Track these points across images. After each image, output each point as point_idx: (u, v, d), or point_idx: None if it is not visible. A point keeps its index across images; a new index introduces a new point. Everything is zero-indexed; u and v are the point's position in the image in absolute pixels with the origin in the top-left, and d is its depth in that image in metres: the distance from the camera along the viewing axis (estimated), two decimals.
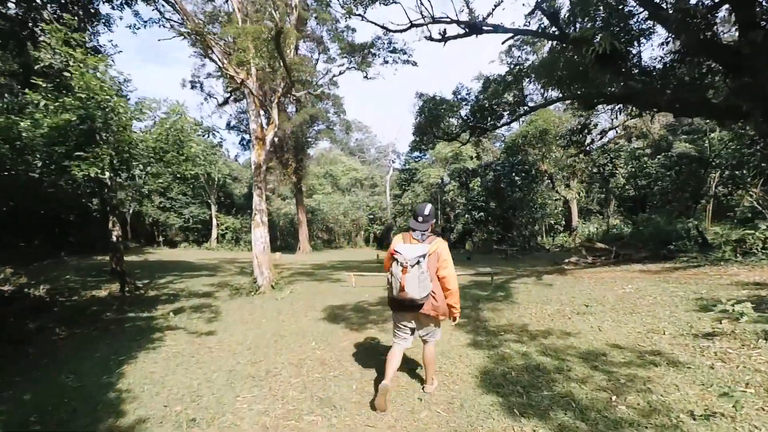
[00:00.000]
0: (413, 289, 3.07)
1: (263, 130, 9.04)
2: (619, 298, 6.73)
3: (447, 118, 16.20)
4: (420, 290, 3.08)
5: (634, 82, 11.55)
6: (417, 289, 3.07)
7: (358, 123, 56.26)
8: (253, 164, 9.05)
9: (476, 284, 9.13)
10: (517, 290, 8.08)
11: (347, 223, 40.46)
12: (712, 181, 19.89)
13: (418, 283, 3.07)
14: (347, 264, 18.60)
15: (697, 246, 11.06)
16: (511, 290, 8.14)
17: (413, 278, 3.06)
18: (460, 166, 29.01)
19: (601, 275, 9.31)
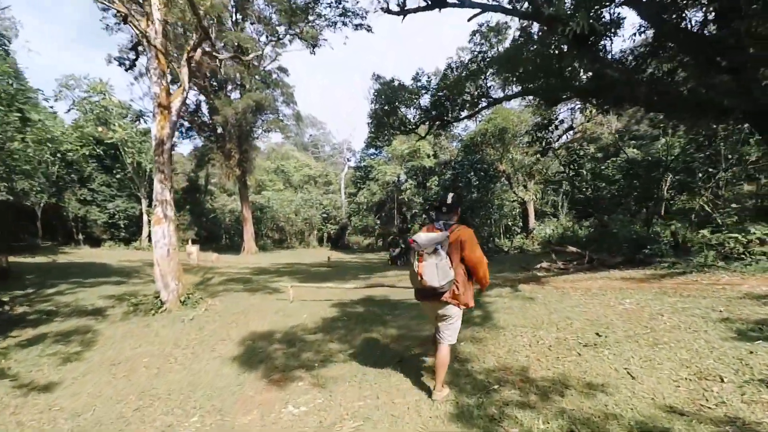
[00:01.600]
0: (432, 278, 2.98)
1: (169, 95, 6.71)
2: (626, 320, 5.17)
3: (405, 107, 14.46)
4: (440, 278, 2.98)
5: (611, 70, 10.37)
6: (436, 277, 2.98)
7: (313, 118, 53.70)
8: (154, 139, 6.68)
9: None
10: (495, 307, 6.37)
11: (299, 221, 37.82)
12: (664, 185, 19.60)
13: (436, 270, 2.97)
14: (294, 268, 16.34)
15: (671, 250, 10.01)
16: (488, 308, 6.42)
17: (431, 266, 2.97)
18: (417, 164, 27.51)
19: (584, 285, 7.87)
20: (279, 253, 32.35)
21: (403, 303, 7.08)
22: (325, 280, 11.28)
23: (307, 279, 11.59)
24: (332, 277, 12.03)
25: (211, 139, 27.77)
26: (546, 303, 6.38)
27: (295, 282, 10.83)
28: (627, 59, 12.46)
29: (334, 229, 38.62)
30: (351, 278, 11.44)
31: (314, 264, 18.70)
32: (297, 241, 39.15)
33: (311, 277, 12.25)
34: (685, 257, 9.34)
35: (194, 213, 36.14)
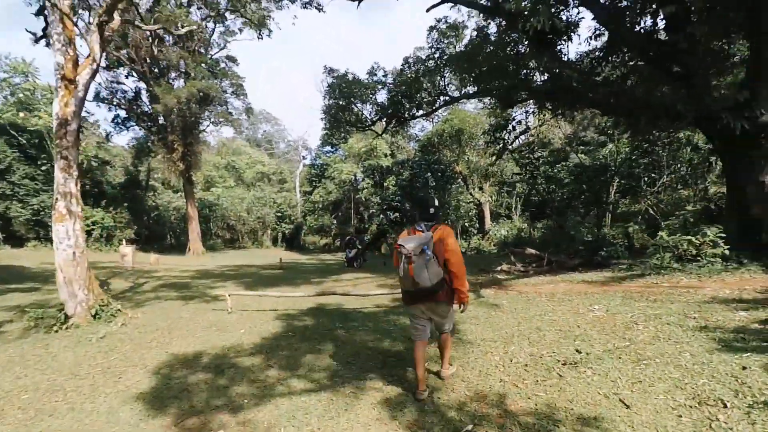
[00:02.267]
0: (423, 278, 2.96)
1: (76, 67, 5.46)
2: (600, 330, 4.72)
3: (361, 102, 13.69)
4: (431, 277, 2.98)
5: (570, 71, 10.19)
6: (427, 276, 2.96)
7: (267, 114, 51.57)
8: (55, 118, 5.38)
9: (403, 305, 6.64)
10: (460, 317, 5.74)
11: (251, 220, 35.89)
12: (612, 189, 20.24)
13: (426, 270, 2.95)
14: (242, 271, 15.04)
15: (626, 252, 9.98)
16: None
17: (420, 267, 2.95)
18: (374, 162, 26.80)
19: (548, 289, 7.48)
20: (229, 254, 30.39)
21: (358, 312, 6.28)
22: (274, 284, 10.25)
23: (254, 284, 10.48)
24: (282, 281, 10.98)
25: (152, 131, 25.45)
26: (513, 311, 5.84)
27: (239, 288, 9.75)
28: (583, 62, 12.50)
29: (289, 228, 37.06)
30: (303, 282, 10.47)
31: (265, 266, 17.42)
32: (250, 240, 37.20)
33: (259, 281, 11.14)
34: (640, 259, 9.31)
35: (134, 210, 33.20)
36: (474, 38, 13.37)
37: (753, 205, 8.77)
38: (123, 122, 25.69)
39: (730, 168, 9.32)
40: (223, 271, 15.34)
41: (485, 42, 13.00)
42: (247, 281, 11.12)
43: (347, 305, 6.80)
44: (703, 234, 8.07)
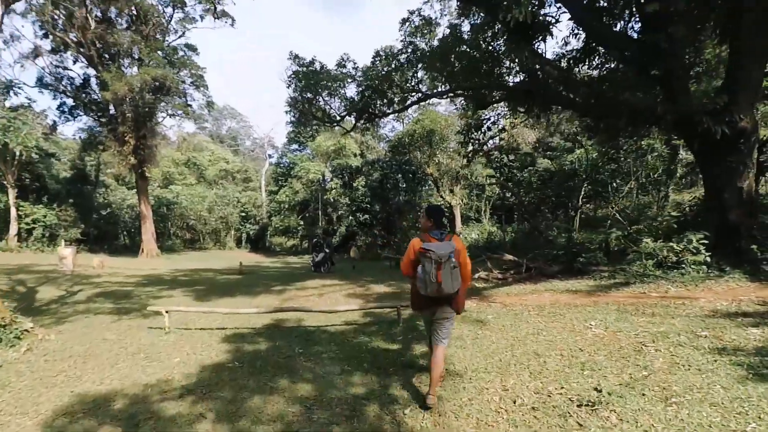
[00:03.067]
0: (448, 284, 3.06)
1: None
2: (607, 354, 4.03)
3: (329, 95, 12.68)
4: (454, 284, 3.10)
5: (551, 67, 9.67)
6: (451, 283, 3.08)
7: (232, 110, 49.26)
8: None
9: (375, 322, 5.72)
10: None
11: (213, 220, 33.87)
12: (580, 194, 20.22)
13: (451, 277, 3.07)
14: (196, 276, 13.63)
15: (605, 258, 9.54)
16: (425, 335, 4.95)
17: (447, 274, 3.05)
18: (343, 162, 25.74)
19: (534, 300, 6.82)
20: (187, 256, 28.40)
21: (323, 332, 5.30)
22: (230, 293, 9.06)
23: (207, 293, 9.25)
24: (240, 288, 9.78)
25: (102, 121, 23.24)
26: (502, 329, 5.07)
27: (188, 297, 8.53)
28: (560, 62, 12.11)
29: (254, 229, 35.28)
30: (263, 290, 9.34)
31: (224, 270, 16.01)
32: (212, 241, 35.15)
33: (213, 289, 9.90)
34: (619, 266, 8.87)
35: (81, 208, 30.47)
36: (447, 36, 12.64)
37: (731, 211, 8.53)
38: (70, 111, 23.27)
39: (709, 173, 9.05)
40: (176, 276, 13.87)
41: (458, 41, 12.32)
42: (199, 289, 9.85)
43: (309, 322, 5.81)
44: (689, 240, 7.68)
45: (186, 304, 7.79)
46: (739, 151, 8.43)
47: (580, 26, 10.79)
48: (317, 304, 7.26)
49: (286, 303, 7.43)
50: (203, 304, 7.60)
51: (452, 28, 12.91)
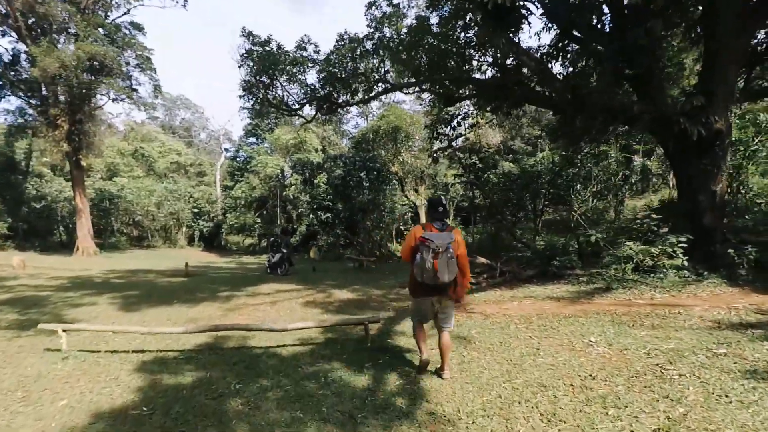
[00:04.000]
0: (444, 274, 3.16)
1: None
2: (627, 384, 3.26)
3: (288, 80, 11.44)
4: (449, 274, 3.19)
5: (527, 58, 9.04)
6: (447, 273, 3.17)
7: (186, 100, 46.07)
8: None
9: (338, 341, 4.65)
10: (412, 357, 3.97)
11: (162, 216, 31.20)
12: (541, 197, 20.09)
13: (447, 267, 3.16)
14: (134, 279, 11.93)
15: (579, 262, 9.06)
16: (409, 359, 3.98)
17: (444, 264, 3.14)
18: (303, 157, 24.28)
19: (517, 309, 6.05)
20: (130, 255, 25.80)
21: (271, 356, 4.15)
22: (167, 300, 7.63)
23: (139, 300, 7.75)
24: (180, 294, 8.34)
25: (32, 103, 20.41)
26: (491, 349, 4.19)
27: (114, 307, 7.08)
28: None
29: (208, 226, 32.88)
30: (207, 297, 7.99)
31: (168, 271, 14.27)
32: (161, 239, 32.39)
33: (149, 295, 8.39)
34: (594, 269, 8.39)
35: (9, 199, 27.01)
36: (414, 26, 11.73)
37: (705, 214, 8.27)
38: None
39: (683, 176, 8.77)
40: (109, 278, 12.06)
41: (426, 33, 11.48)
42: (131, 296, 8.32)
43: (257, 341, 4.65)
44: (671, 244, 7.26)
45: (105, 316, 6.36)
46: (714, 154, 8.18)
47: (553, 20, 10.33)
48: (268, 314, 6.09)
49: (230, 314, 6.20)
50: (128, 316, 6.20)
51: (420, 20, 12.04)
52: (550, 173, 17.34)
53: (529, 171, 16.45)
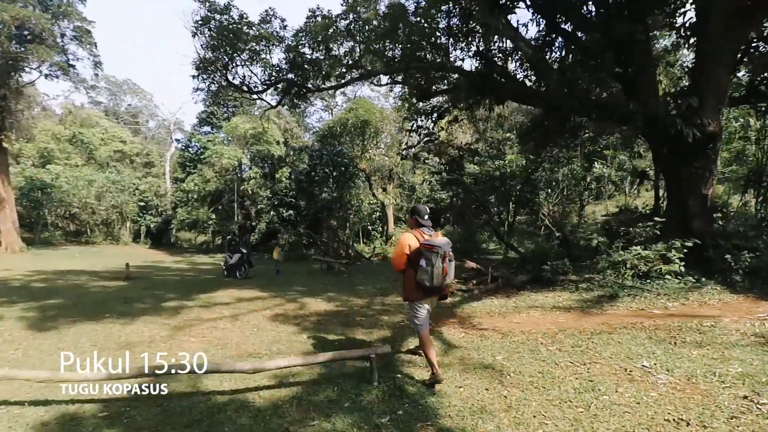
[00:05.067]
0: (451, 276, 3.37)
1: None
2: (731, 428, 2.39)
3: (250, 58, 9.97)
4: (452, 276, 3.43)
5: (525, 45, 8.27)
6: (451, 275, 3.37)
7: (133, 85, 42.00)
8: None
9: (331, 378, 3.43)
10: (441, 403, 2.91)
11: (103, 209, 27.88)
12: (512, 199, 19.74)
13: (451, 270, 3.36)
14: (61, 282, 9.90)
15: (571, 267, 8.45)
16: (436, 403, 2.91)
17: (450, 267, 3.33)
18: (263, 149, 22.39)
19: (527, 323, 5.19)
20: (65, 252, 22.63)
21: (240, 409, 2.86)
22: (97, 314, 5.97)
23: (60, 313, 6.03)
24: (116, 305, 6.65)
25: None
26: (533, 382, 3.24)
27: (23, 322, 5.44)
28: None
29: (156, 222, 29.87)
30: (150, 308, 6.44)
31: (105, 273, 12.21)
32: (102, 235, 28.96)
33: (74, 306, 6.64)
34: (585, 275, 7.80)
35: None
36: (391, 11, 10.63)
37: (695, 218, 7.93)
38: None
39: (674, 179, 8.40)
40: (30, 281, 9.94)
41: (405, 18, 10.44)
42: (50, 306, 6.57)
43: (218, 382, 3.35)
44: (677, 248, 6.78)
45: (8, 335, 4.74)
46: (706, 157, 7.86)
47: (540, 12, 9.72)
48: (229, 335, 4.76)
49: (179, 334, 4.78)
50: (38, 340, 4.62)
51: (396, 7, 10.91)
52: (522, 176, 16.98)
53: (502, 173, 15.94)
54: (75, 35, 17.27)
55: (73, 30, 17.34)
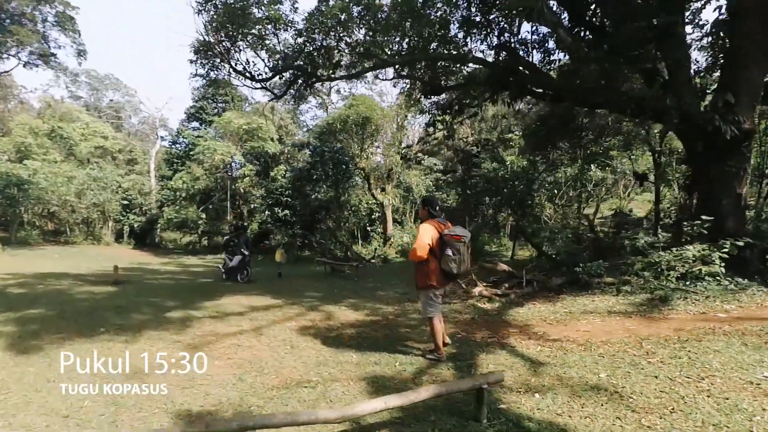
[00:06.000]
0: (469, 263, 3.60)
1: None
2: None
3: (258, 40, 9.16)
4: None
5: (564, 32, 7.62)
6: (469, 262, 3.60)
7: (116, 80, 40.20)
8: None
9: (422, 416, 2.62)
10: None
11: (84, 207, 26.35)
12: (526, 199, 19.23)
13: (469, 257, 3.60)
14: (44, 285, 8.91)
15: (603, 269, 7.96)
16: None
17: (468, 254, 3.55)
18: (257, 145, 21.36)
19: (596, 330, 4.63)
20: (44, 252, 21.21)
21: None
22: (87, 328, 5.05)
23: (44, 328, 5.07)
24: (108, 316, 5.75)
25: None
26: (660, 405, 2.65)
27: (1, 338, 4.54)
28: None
29: (140, 221, 28.42)
30: (150, 319, 5.59)
31: (91, 276, 11.18)
32: (82, 234, 27.37)
33: (60, 317, 5.70)
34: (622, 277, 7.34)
35: None
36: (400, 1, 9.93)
37: (728, 218, 7.56)
38: None
39: (707, 178, 8.02)
40: (7, 286, 8.85)
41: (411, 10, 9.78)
42: (31, 317, 5.64)
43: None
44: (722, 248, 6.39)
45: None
46: (741, 155, 7.50)
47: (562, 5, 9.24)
48: (259, 355, 3.99)
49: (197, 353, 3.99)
50: (21, 363, 3.77)
51: None
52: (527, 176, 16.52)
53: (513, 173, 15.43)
54: (57, 21, 16.00)
55: (55, 16, 16.05)
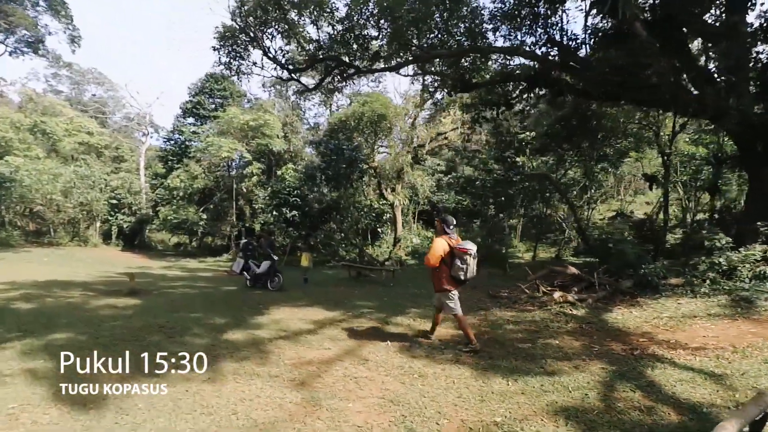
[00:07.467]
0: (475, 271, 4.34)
1: None
2: None
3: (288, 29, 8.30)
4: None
5: (640, 26, 7.03)
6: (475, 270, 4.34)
7: (99, 74, 38.10)
8: None
9: None
10: None
11: (70, 206, 24.71)
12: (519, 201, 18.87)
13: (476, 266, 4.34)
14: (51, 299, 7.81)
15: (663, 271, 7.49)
16: None
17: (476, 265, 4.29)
18: (263, 142, 20.29)
19: (721, 335, 4.13)
20: (29, 255, 19.53)
21: None
22: (135, 354, 4.14)
23: (81, 360, 4.09)
24: (157, 341, 4.82)
25: None
26: None
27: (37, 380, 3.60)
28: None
29: (129, 221, 26.84)
30: (214, 345, 4.70)
31: (99, 284, 10.05)
32: (68, 235, 25.68)
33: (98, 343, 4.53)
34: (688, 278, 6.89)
35: None
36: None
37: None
38: None
39: (758, 180, 7.71)
40: (9, 300, 7.61)
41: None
42: (58, 343, 4.60)
43: None
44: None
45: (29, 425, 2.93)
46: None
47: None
48: (394, 392, 3.08)
49: (316, 401, 3.11)
50: (85, 418, 2.88)
51: None
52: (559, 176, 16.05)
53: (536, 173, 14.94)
54: (49, 5, 14.64)
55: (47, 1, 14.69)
